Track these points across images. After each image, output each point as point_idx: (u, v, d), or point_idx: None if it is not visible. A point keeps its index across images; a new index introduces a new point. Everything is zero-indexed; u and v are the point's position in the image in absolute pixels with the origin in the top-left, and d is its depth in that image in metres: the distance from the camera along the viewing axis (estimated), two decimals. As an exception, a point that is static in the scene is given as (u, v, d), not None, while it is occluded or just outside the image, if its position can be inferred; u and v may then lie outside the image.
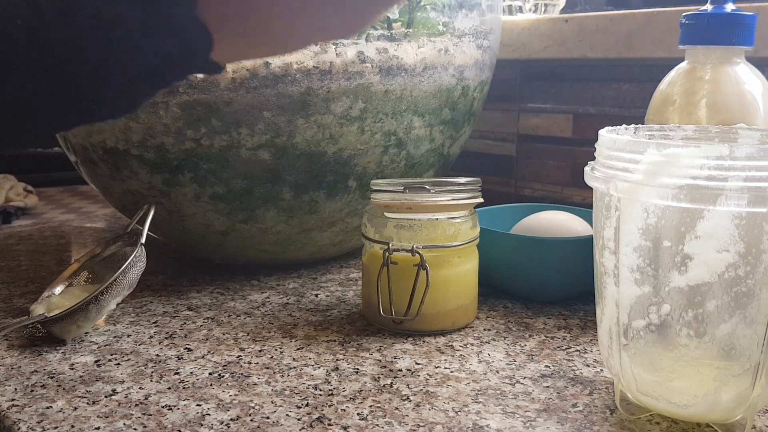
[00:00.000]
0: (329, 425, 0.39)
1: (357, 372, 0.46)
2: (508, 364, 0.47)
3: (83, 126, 0.59)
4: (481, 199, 0.53)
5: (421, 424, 0.39)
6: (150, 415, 0.40)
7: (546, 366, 0.47)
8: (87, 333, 0.52)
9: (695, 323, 0.35)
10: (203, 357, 0.48)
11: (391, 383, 0.45)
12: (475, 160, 0.94)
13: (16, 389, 0.44)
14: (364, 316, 0.56)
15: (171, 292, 0.62)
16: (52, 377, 0.45)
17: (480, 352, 0.49)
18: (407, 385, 0.44)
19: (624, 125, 0.42)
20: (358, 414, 0.41)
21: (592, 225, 0.46)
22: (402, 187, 0.51)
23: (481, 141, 0.93)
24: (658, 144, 0.35)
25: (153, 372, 0.46)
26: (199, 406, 0.42)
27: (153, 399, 0.42)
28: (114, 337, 0.52)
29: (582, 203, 0.82)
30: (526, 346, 0.50)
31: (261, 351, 0.50)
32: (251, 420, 0.40)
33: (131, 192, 0.62)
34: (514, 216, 0.66)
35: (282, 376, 0.46)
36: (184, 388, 0.44)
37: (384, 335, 0.52)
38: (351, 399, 0.42)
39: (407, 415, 0.40)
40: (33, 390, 0.44)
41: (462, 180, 0.53)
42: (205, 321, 0.55)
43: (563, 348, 0.50)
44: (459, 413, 0.41)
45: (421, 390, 0.44)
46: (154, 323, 0.55)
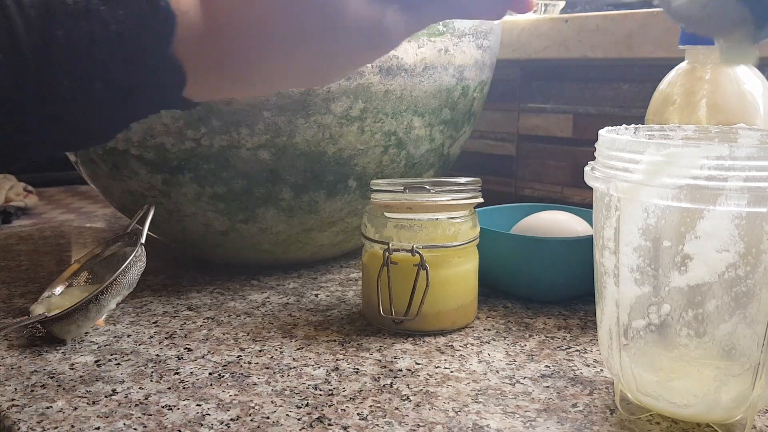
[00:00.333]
0: (329, 425, 0.39)
1: (357, 372, 0.46)
2: (508, 364, 0.47)
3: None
4: (481, 199, 0.53)
5: (421, 424, 0.39)
6: (150, 415, 0.40)
7: (546, 366, 0.47)
8: (87, 333, 0.52)
9: (695, 323, 0.35)
10: (203, 357, 0.48)
11: (391, 383, 0.45)
12: (475, 160, 0.94)
13: (16, 389, 0.44)
14: (364, 316, 0.56)
15: (171, 292, 0.62)
16: (52, 377, 0.45)
17: (480, 352, 0.49)
18: (407, 385, 0.44)
19: (624, 125, 0.42)
20: (358, 414, 0.41)
21: (592, 225, 0.46)
22: (402, 187, 0.51)
23: (481, 141, 0.93)
24: (658, 144, 0.35)
25: (153, 372, 0.46)
26: (199, 406, 0.42)
27: (153, 399, 0.42)
28: (114, 337, 0.52)
29: (582, 203, 0.82)
30: (526, 346, 0.50)
31: (261, 351, 0.50)
32: (251, 420, 0.40)
33: (131, 192, 0.62)
34: (514, 216, 0.66)
35: (282, 376, 0.46)
36: (184, 388, 0.44)
37: (384, 335, 0.52)
38: (351, 399, 0.42)
39: (407, 415, 0.40)
40: (33, 390, 0.44)
41: (462, 180, 0.53)
42: (205, 321, 0.55)
43: (563, 348, 0.50)
44: (459, 413, 0.41)
45: (421, 390, 0.44)
46: (154, 323, 0.55)
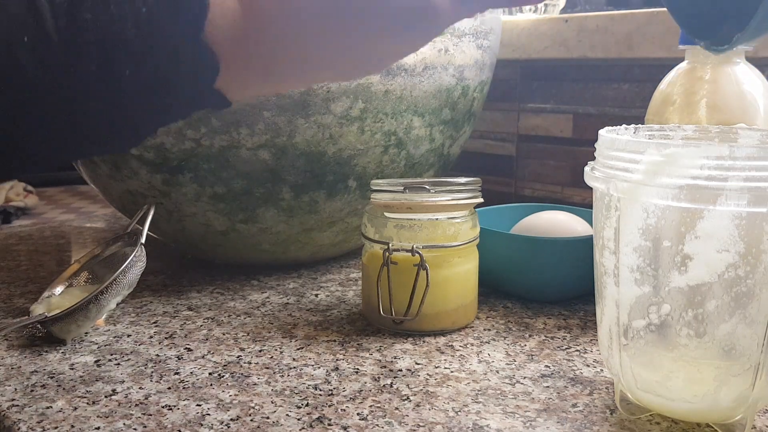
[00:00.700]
0: (329, 425, 0.39)
1: (357, 372, 0.46)
2: (508, 364, 0.47)
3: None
4: (481, 199, 0.53)
5: (421, 424, 0.39)
6: (150, 415, 0.40)
7: (546, 366, 0.47)
8: (87, 333, 0.52)
9: (695, 323, 0.35)
10: (203, 357, 0.48)
11: (391, 383, 0.45)
12: (475, 160, 0.94)
13: (16, 389, 0.44)
14: (364, 316, 0.56)
15: (171, 292, 0.62)
16: (52, 377, 0.45)
17: (480, 352, 0.49)
18: (407, 385, 0.44)
19: (624, 125, 0.42)
20: (358, 414, 0.41)
21: (592, 225, 0.46)
22: (402, 187, 0.51)
23: (481, 141, 0.93)
24: (658, 144, 0.35)
25: (153, 372, 0.46)
26: (199, 406, 0.42)
27: (153, 399, 0.42)
28: (114, 337, 0.52)
29: (582, 203, 0.82)
30: (526, 346, 0.50)
31: (261, 351, 0.49)
32: (251, 420, 0.40)
33: (131, 192, 0.62)
34: (514, 216, 0.66)
35: (282, 376, 0.46)
36: (184, 388, 0.44)
37: (384, 335, 0.52)
38: (351, 399, 0.42)
39: (407, 415, 0.40)
40: (33, 390, 0.44)
41: (462, 180, 0.53)
42: (205, 321, 0.55)
43: (563, 348, 0.50)
44: (459, 413, 0.41)
45: (421, 390, 0.44)
46: (154, 323, 0.55)
